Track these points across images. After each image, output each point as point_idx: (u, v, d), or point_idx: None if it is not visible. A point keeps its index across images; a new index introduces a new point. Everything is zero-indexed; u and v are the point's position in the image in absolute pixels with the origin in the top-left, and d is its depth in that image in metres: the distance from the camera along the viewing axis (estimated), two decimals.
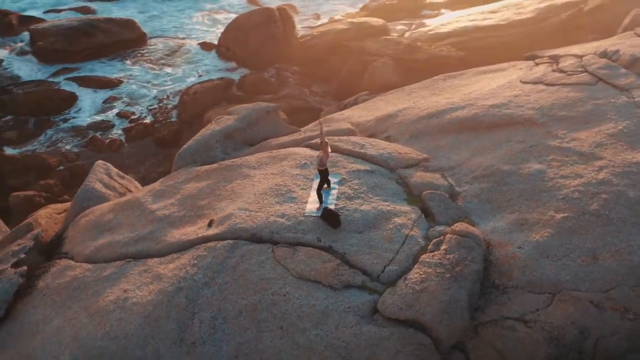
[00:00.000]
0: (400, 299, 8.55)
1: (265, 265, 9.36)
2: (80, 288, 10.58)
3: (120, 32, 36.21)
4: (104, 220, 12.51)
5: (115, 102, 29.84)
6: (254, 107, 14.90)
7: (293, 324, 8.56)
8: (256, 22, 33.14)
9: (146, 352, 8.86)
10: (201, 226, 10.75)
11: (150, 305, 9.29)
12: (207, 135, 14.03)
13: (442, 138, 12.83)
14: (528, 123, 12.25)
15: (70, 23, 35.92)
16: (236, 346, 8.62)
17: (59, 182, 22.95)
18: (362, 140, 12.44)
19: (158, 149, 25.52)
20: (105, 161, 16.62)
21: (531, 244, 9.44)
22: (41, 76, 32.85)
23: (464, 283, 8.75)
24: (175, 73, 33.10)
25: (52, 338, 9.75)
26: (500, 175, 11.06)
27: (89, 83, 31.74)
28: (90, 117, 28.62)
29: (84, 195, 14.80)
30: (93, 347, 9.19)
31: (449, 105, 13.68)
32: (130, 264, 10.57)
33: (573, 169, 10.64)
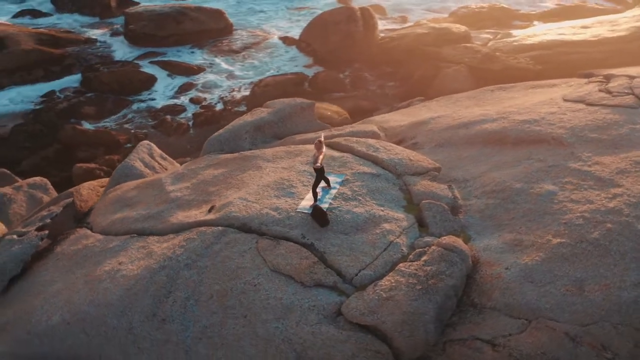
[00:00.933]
0: (364, 304, 8.52)
1: (246, 255, 9.60)
2: (86, 256, 11.28)
3: (208, 21, 37.74)
4: (127, 196, 13.22)
5: (191, 88, 31.19)
6: (289, 102, 15.18)
7: (256, 314, 8.75)
8: (337, 20, 33.49)
9: (121, 322, 9.35)
10: (203, 211, 11.16)
11: (134, 279, 9.78)
12: (238, 126, 14.46)
13: (466, 149, 12.56)
14: (555, 142, 11.74)
15: (161, 9, 37.87)
16: (201, 328, 8.92)
17: (122, 158, 24.26)
18: (377, 143, 12.40)
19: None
20: (169, 144, 17.51)
21: (519, 266, 9.10)
22: (128, 57, 34.91)
23: (434, 297, 8.58)
24: (254, 65, 34.09)
25: (51, 299, 10.46)
26: (509, 193, 10.71)
27: (170, 67, 33.35)
28: (165, 100, 30.07)
29: (122, 172, 15.67)
30: (78, 312, 9.80)
31: (481, 117, 13.34)
32: (133, 239, 11.14)
33: (585, 194, 10.12)
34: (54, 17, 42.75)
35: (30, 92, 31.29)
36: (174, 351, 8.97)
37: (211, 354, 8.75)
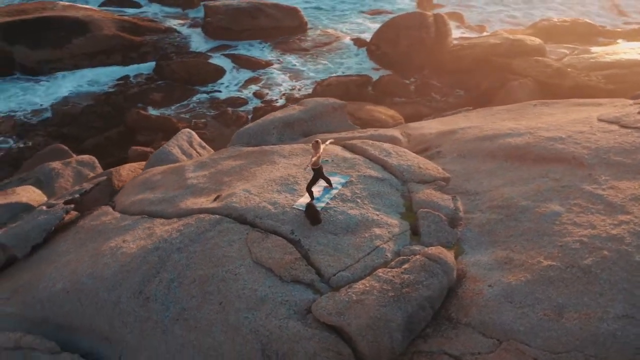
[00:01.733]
0: (333, 305, 8.60)
1: (234, 245, 9.89)
2: (101, 232, 11.95)
3: (283, 18, 38.51)
4: (153, 179, 13.85)
5: (256, 82, 31.98)
6: (321, 101, 15.37)
7: (231, 303, 9.01)
8: (409, 24, 33.34)
9: (110, 295, 9.87)
10: (210, 199, 11.56)
11: (130, 258, 10.29)
12: (268, 121, 14.80)
13: (486, 162, 12.31)
14: (575, 162, 11.31)
15: (239, 4, 38.98)
16: (180, 310, 9.28)
17: None
18: (392, 148, 12.38)
19: None
20: (226, 135, 18.11)
21: (502, 285, 8.88)
22: (202, 49, 36.18)
23: (405, 305, 8.53)
24: (321, 64, 34.49)
25: (61, 268, 11.17)
26: (514, 210, 10.43)
27: (240, 61, 34.30)
28: (229, 92, 30.99)
29: (159, 156, 16.42)
30: (78, 282, 10.42)
31: (509, 130, 13.02)
32: (142, 220, 11.69)
33: (590, 218, 9.71)
34: (142, 7, 44.80)
35: (107, 75, 33.08)
36: (153, 329, 9.37)
37: (185, 335, 9.09)
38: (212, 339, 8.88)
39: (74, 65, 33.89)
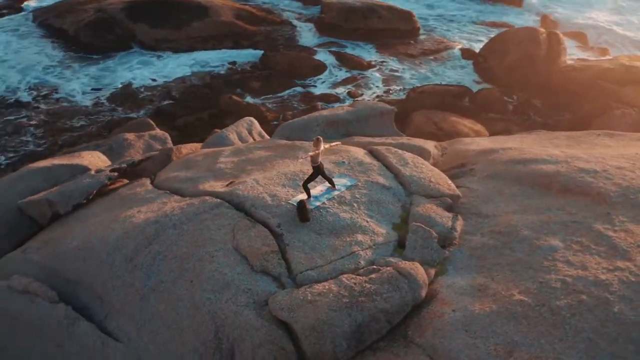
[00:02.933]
0: (288, 301, 8.72)
1: (222, 229, 10.28)
2: (128, 201, 12.82)
3: (396, 21, 38.40)
4: (194, 159, 14.58)
5: (353, 82, 32.24)
6: (370, 105, 15.38)
7: (199, 282, 9.40)
8: (518, 39, 32.12)
9: (107, 259, 10.63)
10: (224, 184, 12.02)
11: (133, 226, 11.00)
12: (312, 118, 15.06)
13: (511, 186, 11.79)
14: (598, 198, 10.54)
15: (354, 2, 39.38)
16: (158, 282, 9.83)
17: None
18: (412, 159, 12.17)
19: None
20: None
21: (466, 312, 8.55)
22: (310, 44, 37.01)
23: (355, 314, 8.48)
24: (422, 71, 34.11)
25: (84, 228, 12.17)
26: (513, 238, 9.95)
27: (343, 59, 34.74)
28: (325, 89, 31.51)
29: (215, 140, 17.22)
30: (88, 242, 11.32)
31: (547, 156, 12.34)
32: (164, 195, 12.41)
33: (586, 258, 9.06)
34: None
35: (216, 59, 34.78)
36: (133, 295, 10.01)
37: (157, 306, 9.63)
38: (176, 314, 9.32)
39: (188, 47, 35.95)
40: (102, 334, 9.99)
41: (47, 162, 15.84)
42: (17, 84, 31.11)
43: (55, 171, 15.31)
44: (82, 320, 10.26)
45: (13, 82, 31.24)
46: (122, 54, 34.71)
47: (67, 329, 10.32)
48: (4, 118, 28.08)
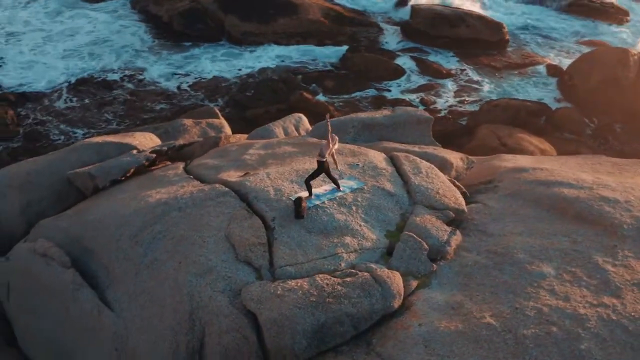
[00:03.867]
0: (259, 292, 8.91)
1: (220, 217, 10.59)
2: (156, 182, 13.40)
3: (484, 31, 37.32)
4: (229, 149, 15.02)
5: (429, 90, 31.76)
6: (408, 111, 15.16)
7: (186, 265, 9.78)
8: (606, 59, 30.43)
9: (115, 232, 11.26)
10: (240, 174, 12.30)
11: (145, 205, 11.56)
12: (348, 119, 15.08)
13: (527, 207, 11.36)
14: (610, 229, 9.99)
15: (443, 9, 38.71)
16: (152, 260, 10.32)
17: None
18: (426, 168, 11.96)
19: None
20: None
21: (431, 327, 8.41)
22: (392, 47, 36.79)
23: (320, 315, 8.54)
24: (502, 85, 33.05)
25: (110, 202, 12.88)
26: (506, 260, 9.64)
27: (423, 66, 34.29)
28: (398, 94, 31.28)
29: (260, 132, 17.62)
30: (106, 215, 12.04)
31: (573, 181, 11.76)
32: (187, 179, 12.88)
33: (573, 290, 8.64)
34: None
35: (298, 55, 35.34)
36: (130, 269, 10.56)
37: (147, 282, 10.12)
38: (161, 291, 9.74)
39: (272, 41, 36.72)
40: (100, 303, 10.55)
41: (101, 139, 16.79)
42: (110, 64, 32.95)
43: (106, 147, 16.19)
44: (86, 287, 10.87)
45: (108, 62, 33.12)
46: (210, 44, 35.96)
47: (73, 293, 10.95)
48: (91, 95, 29.82)
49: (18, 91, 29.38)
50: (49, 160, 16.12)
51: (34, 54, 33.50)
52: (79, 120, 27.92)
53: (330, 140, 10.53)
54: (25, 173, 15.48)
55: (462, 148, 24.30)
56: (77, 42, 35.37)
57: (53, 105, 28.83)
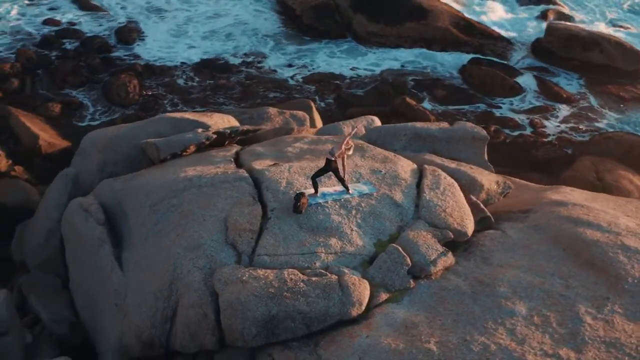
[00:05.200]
0: (227, 275, 9.32)
1: (228, 200, 11.09)
2: (201, 159, 13.97)
3: (619, 59, 34.29)
4: (282, 140, 15.42)
5: (543, 112, 30.02)
6: (463, 127, 14.60)
7: (182, 238, 10.42)
8: None
9: (142, 199, 12.20)
10: (270, 163, 12.60)
11: (174, 179, 12.34)
12: (401, 126, 14.88)
13: (544, 243, 10.66)
14: (614, 279, 9.19)
15: (579, 31, 36.20)
16: (160, 229, 11.13)
17: None
18: (448, 184, 11.57)
19: (520, 162, 25.36)
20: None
21: (375, 341, 8.38)
22: (517, 64, 35.16)
23: (272, 306, 8.78)
24: (626, 117, 30.38)
25: (156, 173, 13.69)
26: (485, 290, 9.26)
27: (543, 87, 32.32)
28: (508, 112, 29.89)
29: (328, 129, 17.89)
30: (144, 183, 12.93)
31: (604, 223, 10.79)
32: (225, 162, 13.37)
33: (534, 335, 8.13)
34: (504, 8, 44.11)
35: (415, 60, 34.96)
36: (142, 235, 11.50)
37: (148, 249, 10.93)
38: (157, 259, 10.45)
39: (394, 44, 36.57)
40: (113, 261, 11.44)
41: (179, 115, 17.92)
42: (237, 49, 34.50)
43: (181, 123, 17.23)
44: (108, 244, 11.80)
45: (236, 46, 34.64)
46: (332, 40, 36.58)
47: (98, 248, 11.91)
48: (210, 76, 31.49)
49: (147, 64, 31.50)
50: (130, 128, 17.49)
51: (174, 33, 35.75)
52: (193, 98, 29.62)
53: (344, 142, 10.52)
54: (108, 137, 16.91)
55: (556, 177, 23.01)
56: (217, 24, 37.24)
57: (175, 81, 30.78)
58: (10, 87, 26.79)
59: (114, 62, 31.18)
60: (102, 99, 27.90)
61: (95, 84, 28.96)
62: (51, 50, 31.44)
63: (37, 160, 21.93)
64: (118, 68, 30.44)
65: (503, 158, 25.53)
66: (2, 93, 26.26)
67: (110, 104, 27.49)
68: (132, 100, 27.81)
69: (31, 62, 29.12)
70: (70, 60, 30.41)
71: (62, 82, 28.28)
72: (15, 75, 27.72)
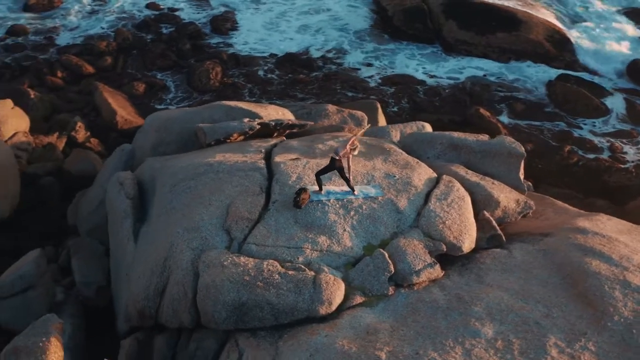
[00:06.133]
0: (211, 259, 9.81)
1: (237, 187, 11.43)
2: (236, 148, 14.24)
3: None
4: (321, 137, 15.52)
5: (626, 137, 28.16)
6: (501, 141, 14.02)
7: (185, 217, 10.96)
8: None
9: (168, 179, 12.77)
10: (292, 158, 12.76)
11: (197, 163, 12.76)
12: (438, 134, 14.55)
13: (545, 268, 10.18)
14: (599, 315, 8.65)
15: None
16: (172, 207, 11.67)
17: None
18: (459, 197, 11.22)
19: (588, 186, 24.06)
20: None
21: (330, 341, 8.47)
22: (607, 85, 33.15)
23: (243, 293, 9.05)
24: None
25: (191, 156, 14.14)
26: (460, 307, 9.06)
27: (632, 111, 30.21)
28: (589, 134, 28.30)
29: (377, 131, 17.74)
30: (174, 165, 13.45)
31: (616, 256, 10.09)
32: (255, 152, 13.62)
33: (488, 358, 7.73)
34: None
35: (499, 72, 33.82)
36: (157, 211, 12.12)
37: (159, 224, 11.58)
38: (162, 235, 11.03)
39: (481, 53, 35.54)
40: (130, 234, 12.12)
41: (233, 103, 18.38)
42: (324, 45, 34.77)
43: (235, 111, 17.72)
44: (130, 218, 12.49)
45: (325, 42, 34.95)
46: (419, 44, 36.09)
47: (122, 220, 12.61)
48: (291, 70, 31.92)
49: (233, 53, 32.26)
50: (187, 111, 18.24)
51: (268, 25, 36.39)
52: (271, 90, 30.14)
53: (350, 143, 10.49)
54: (165, 119, 17.68)
55: (622, 205, 21.75)
56: (311, 18, 37.61)
57: (256, 72, 31.49)
58: (103, 64, 28.40)
59: (203, 49, 32.17)
60: (185, 83, 28.98)
61: (182, 69, 30.10)
62: (148, 32, 32.96)
63: (113, 134, 23.03)
64: (206, 55, 31.43)
65: (571, 180, 24.33)
66: (95, 69, 27.87)
67: (191, 89, 28.46)
68: (212, 87, 28.64)
69: (126, 43, 30.70)
70: (163, 44, 31.74)
71: (150, 64, 29.65)
72: (109, 54, 29.39)
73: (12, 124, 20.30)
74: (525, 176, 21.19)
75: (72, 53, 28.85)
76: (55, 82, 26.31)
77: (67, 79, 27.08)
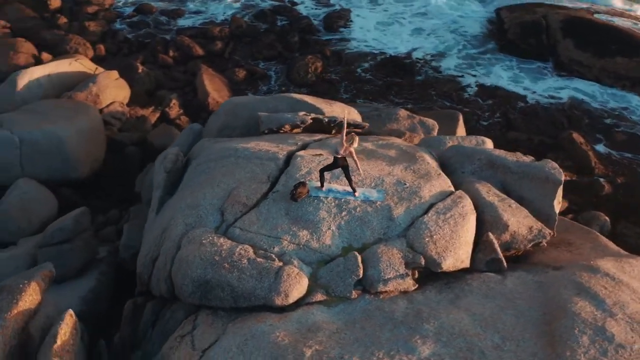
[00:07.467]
0: (194, 236, 10.22)
1: (249, 174, 11.78)
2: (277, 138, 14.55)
3: None
4: (368, 139, 15.38)
5: None
6: (542, 165, 13.00)
7: (193, 195, 11.56)
8: None
9: (200, 158, 13.25)
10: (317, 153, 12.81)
11: (227, 147, 13.16)
12: (479, 151, 13.82)
13: (531, 301, 9.45)
14: (553, 357, 7.88)
15: None
16: (187, 182, 12.19)
17: None
18: (458, 214, 10.59)
19: None
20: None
21: (268, 330, 8.52)
22: None
23: (208, 272, 9.43)
24: None
25: (227, 142, 14.54)
26: (412, 323, 8.72)
27: None
28: None
29: (433, 140, 17.16)
30: (213, 147, 13.81)
31: (609, 300, 9.13)
32: (290, 144, 13.76)
33: None
34: None
35: (608, 98, 31.27)
36: (183, 185, 12.61)
37: (177, 198, 12.12)
38: (173, 210, 11.52)
39: (595, 77, 33.03)
40: (157, 203, 12.72)
41: (299, 96, 18.62)
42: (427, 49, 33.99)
43: (299, 104, 17.99)
44: (161, 189, 13.11)
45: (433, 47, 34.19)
46: (526, 60, 34.23)
47: (155, 191, 13.33)
48: (389, 73, 31.32)
49: (337, 50, 32.36)
50: (256, 99, 18.81)
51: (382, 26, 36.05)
52: (366, 90, 29.86)
53: (344, 138, 10.36)
54: (234, 104, 18.32)
55: None
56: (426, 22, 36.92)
57: (354, 71, 31.46)
58: (213, 48, 29.74)
59: (310, 44, 32.55)
60: (284, 75, 29.58)
61: (286, 60, 30.71)
62: (264, 22, 33.85)
63: (204, 115, 23.97)
64: (310, 49, 31.80)
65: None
66: (205, 52, 29.29)
67: (289, 81, 28.97)
68: (309, 81, 28.98)
69: (239, 30, 31.89)
70: (274, 34, 32.51)
71: (257, 53, 30.59)
72: (220, 39, 30.70)
73: (111, 94, 21.97)
74: (608, 211, 19.90)
75: (187, 35, 30.50)
76: (166, 60, 28.01)
77: (177, 59, 28.72)
